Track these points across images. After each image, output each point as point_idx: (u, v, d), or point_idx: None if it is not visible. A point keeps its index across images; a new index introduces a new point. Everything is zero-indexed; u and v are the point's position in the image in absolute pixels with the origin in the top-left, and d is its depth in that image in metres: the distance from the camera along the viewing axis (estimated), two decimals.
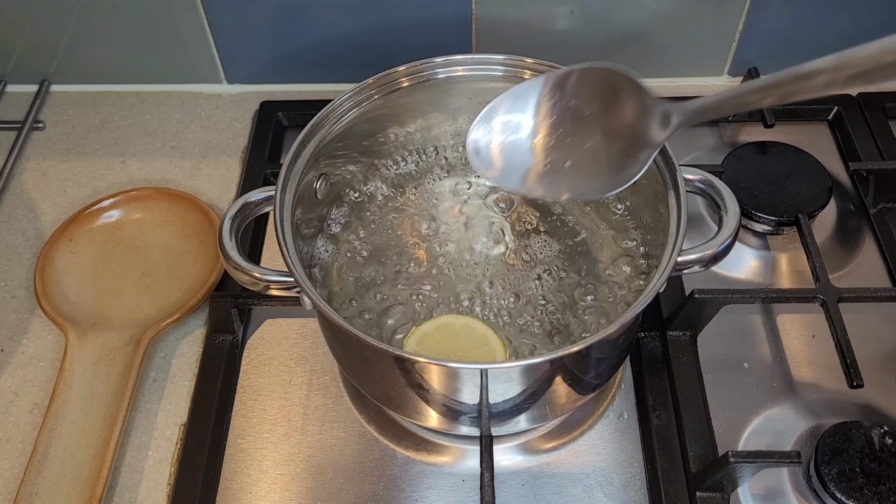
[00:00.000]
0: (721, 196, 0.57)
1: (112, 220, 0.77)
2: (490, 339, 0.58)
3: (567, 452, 0.62)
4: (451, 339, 0.58)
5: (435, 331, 0.58)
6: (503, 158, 0.57)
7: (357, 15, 0.83)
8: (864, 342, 0.63)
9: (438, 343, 0.57)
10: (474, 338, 0.58)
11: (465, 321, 0.59)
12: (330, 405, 0.65)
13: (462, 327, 0.59)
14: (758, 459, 0.55)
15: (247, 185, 0.80)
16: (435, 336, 0.58)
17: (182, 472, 0.61)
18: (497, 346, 0.57)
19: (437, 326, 0.59)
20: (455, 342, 0.58)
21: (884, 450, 0.57)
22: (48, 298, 0.70)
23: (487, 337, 0.58)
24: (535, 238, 0.65)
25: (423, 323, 0.59)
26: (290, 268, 0.51)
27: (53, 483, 0.59)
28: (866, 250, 0.74)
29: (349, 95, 0.61)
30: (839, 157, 0.82)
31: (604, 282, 0.62)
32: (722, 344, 0.67)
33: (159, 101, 0.90)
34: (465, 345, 0.58)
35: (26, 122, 0.87)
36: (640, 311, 0.50)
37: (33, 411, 0.66)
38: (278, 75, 0.90)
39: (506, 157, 0.57)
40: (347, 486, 0.61)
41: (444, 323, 0.59)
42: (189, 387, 0.67)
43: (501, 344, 0.58)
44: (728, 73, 0.89)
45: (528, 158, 0.56)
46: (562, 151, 0.55)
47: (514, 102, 0.56)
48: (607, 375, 0.60)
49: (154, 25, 0.84)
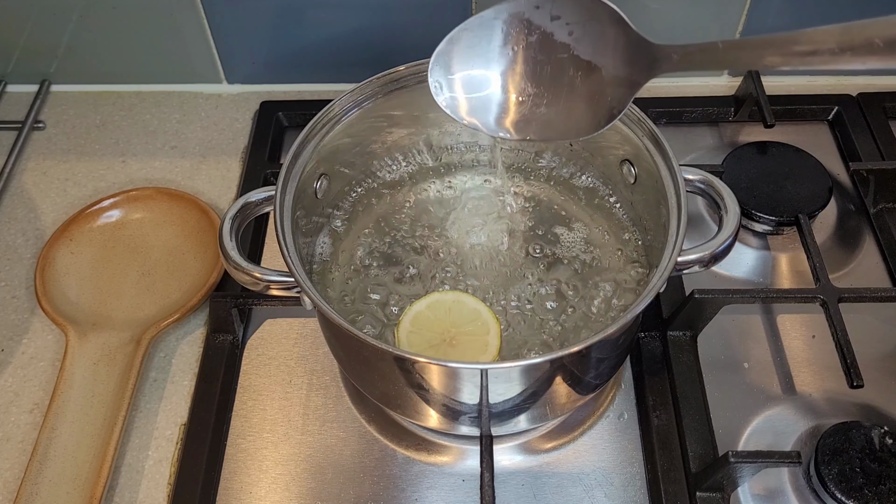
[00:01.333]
0: (721, 196, 0.57)
1: (112, 220, 0.77)
2: (482, 311, 0.58)
3: (567, 452, 0.62)
4: (444, 315, 0.58)
5: (427, 308, 0.59)
6: (472, 95, 0.53)
7: (357, 15, 0.83)
8: (864, 342, 0.63)
9: (432, 321, 0.58)
10: (466, 311, 0.58)
11: (455, 296, 0.60)
12: (330, 405, 0.65)
13: (453, 302, 0.59)
14: (758, 459, 0.55)
15: (247, 185, 0.80)
16: (427, 314, 0.58)
17: (182, 472, 0.61)
18: (489, 318, 0.58)
19: (429, 304, 0.59)
20: (448, 317, 0.58)
21: (884, 450, 0.57)
22: (48, 298, 0.70)
23: (479, 310, 0.58)
24: (535, 237, 0.65)
25: (415, 302, 0.59)
26: (290, 268, 0.51)
27: (54, 483, 0.59)
28: (866, 250, 0.74)
29: (349, 95, 0.61)
30: (839, 157, 0.82)
31: (602, 281, 0.62)
32: (722, 344, 0.67)
33: (159, 101, 0.90)
34: (458, 319, 0.58)
35: (26, 122, 0.87)
36: (640, 311, 0.50)
37: (34, 411, 0.66)
38: (278, 75, 0.90)
39: (474, 92, 0.53)
40: (347, 486, 0.61)
41: (435, 300, 0.59)
42: (189, 387, 0.67)
43: (493, 316, 0.58)
44: (728, 73, 0.89)
45: (498, 92, 0.53)
46: (536, 84, 0.52)
47: (479, 31, 0.52)
48: (607, 375, 0.60)
49: (154, 25, 0.84)
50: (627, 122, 0.60)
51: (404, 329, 0.57)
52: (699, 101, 0.85)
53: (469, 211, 0.68)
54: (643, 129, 0.59)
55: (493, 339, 0.57)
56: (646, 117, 0.58)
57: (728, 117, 0.85)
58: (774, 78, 0.87)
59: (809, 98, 0.85)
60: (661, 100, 0.85)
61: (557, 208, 0.67)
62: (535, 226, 0.66)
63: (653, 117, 0.63)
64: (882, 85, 0.87)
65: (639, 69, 0.48)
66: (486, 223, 0.67)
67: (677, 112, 0.84)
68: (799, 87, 0.88)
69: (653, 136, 0.58)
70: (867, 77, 0.88)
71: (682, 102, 0.85)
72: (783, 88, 0.86)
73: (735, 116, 0.84)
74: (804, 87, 0.88)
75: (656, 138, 0.57)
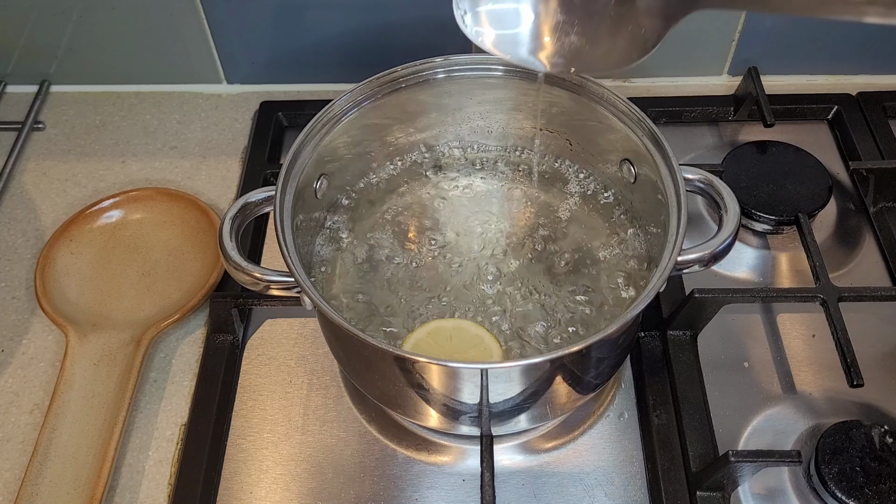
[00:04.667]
0: (721, 195, 0.57)
1: (112, 220, 0.77)
2: (483, 337, 0.58)
3: (567, 452, 0.62)
4: (445, 342, 0.58)
5: (428, 336, 0.58)
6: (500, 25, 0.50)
7: (357, 15, 0.82)
8: (865, 341, 0.63)
9: (433, 347, 0.57)
10: (467, 338, 0.58)
11: (455, 323, 0.59)
12: (330, 405, 0.65)
13: (454, 329, 0.59)
14: (758, 459, 0.55)
15: (247, 185, 0.80)
16: (428, 341, 0.58)
17: (182, 472, 0.61)
18: (492, 344, 0.57)
19: (430, 331, 0.59)
20: (449, 344, 0.58)
21: (884, 449, 0.57)
22: (48, 299, 0.70)
23: (481, 336, 0.58)
24: (535, 237, 0.65)
25: (415, 330, 0.59)
26: (290, 268, 0.51)
27: (54, 483, 0.59)
28: (866, 249, 0.74)
29: (349, 95, 0.61)
30: (839, 156, 0.82)
31: (603, 281, 0.62)
32: (722, 344, 0.67)
33: (159, 101, 0.90)
34: (460, 345, 0.58)
35: (26, 122, 0.87)
36: (640, 310, 0.50)
37: (34, 412, 0.66)
38: (278, 75, 0.90)
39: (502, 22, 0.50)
40: (348, 486, 0.61)
41: (436, 327, 0.59)
42: (189, 387, 0.67)
43: (496, 341, 0.58)
44: (728, 72, 0.89)
45: (529, 20, 0.49)
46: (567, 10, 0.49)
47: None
48: (607, 375, 0.60)
49: (154, 26, 0.84)
50: (627, 121, 0.60)
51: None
52: (699, 100, 0.85)
53: (468, 211, 0.68)
54: (643, 129, 0.59)
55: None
56: (646, 117, 0.58)
57: (728, 117, 0.85)
58: (774, 77, 0.87)
59: (809, 97, 0.85)
60: (661, 99, 0.85)
61: (557, 208, 0.67)
62: (534, 226, 0.66)
63: (653, 117, 0.63)
64: (882, 84, 0.87)
65: (675, 2, 0.45)
66: (484, 223, 0.67)
67: (677, 112, 0.84)
68: (799, 86, 0.88)
69: (653, 135, 0.58)
70: (867, 76, 0.88)
71: (682, 102, 0.85)
72: (783, 88, 0.86)
73: (735, 116, 0.84)
74: (804, 86, 0.88)
75: (656, 138, 0.57)
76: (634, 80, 0.90)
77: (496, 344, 0.57)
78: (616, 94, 0.60)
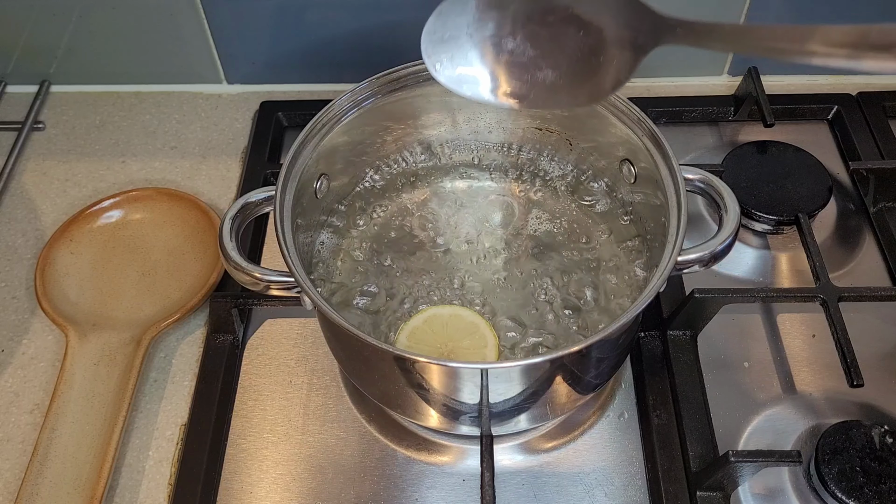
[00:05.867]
0: (721, 195, 0.57)
1: (112, 220, 0.77)
2: (479, 325, 0.58)
3: (567, 452, 0.62)
4: (441, 330, 0.58)
5: (424, 324, 0.58)
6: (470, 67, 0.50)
7: (357, 15, 0.82)
8: (865, 341, 0.63)
9: (429, 335, 0.57)
10: (463, 326, 0.58)
11: (452, 310, 0.60)
12: (330, 405, 0.65)
13: (450, 317, 0.59)
14: (758, 459, 0.55)
15: (247, 185, 0.80)
16: (424, 329, 0.58)
17: (183, 472, 0.61)
18: (487, 332, 0.58)
19: (426, 319, 0.59)
20: (445, 332, 0.58)
21: (884, 449, 0.57)
22: (48, 299, 0.70)
23: (476, 324, 0.58)
24: (535, 236, 0.65)
25: (411, 318, 0.59)
26: (290, 268, 0.51)
27: (54, 483, 0.59)
28: (866, 249, 0.74)
29: (349, 95, 0.61)
30: (839, 156, 0.82)
31: (603, 281, 0.62)
32: (722, 344, 0.67)
33: (159, 101, 0.90)
34: (456, 334, 0.58)
35: (26, 122, 0.87)
36: (640, 310, 0.50)
37: (34, 412, 0.66)
38: (278, 75, 0.90)
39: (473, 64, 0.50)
40: (348, 486, 0.61)
41: (432, 315, 0.59)
42: (189, 387, 0.67)
43: (491, 329, 0.58)
44: (728, 72, 0.89)
45: (498, 60, 0.49)
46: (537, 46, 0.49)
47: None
48: (607, 375, 0.60)
49: (154, 25, 0.84)
50: (627, 121, 0.60)
51: (401, 344, 0.57)
52: (699, 100, 0.85)
53: (468, 211, 0.68)
54: (643, 129, 0.59)
55: (491, 352, 0.57)
56: (645, 117, 0.58)
57: (728, 117, 0.85)
58: (774, 77, 0.87)
59: (809, 97, 0.85)
60: (660, 99, 0.85)
61: (557, 208, 0.67)
62: (534, 226, 0.66)
63: (653, 117, 0.63)
64: (882, 84, 0.87)
65: (644, 33, 0.46)
66: (485, 223, 0.67)
67: (677, 112, 0.84)
68: (799, 86, 0.88)
69: (652, 135, 0.58)
70: (867, 77, 0.88)
71: (682, 102, 0.85)
72: (783, 88, 0.86)
73: (735, 116, 0.84)
74: (804, 86, 0.88)
75: (656, 138, 0.57)
76: (634, 80, 0.90)
77: (491, 332, 0.58)
78: (616, 95, 0.60)
